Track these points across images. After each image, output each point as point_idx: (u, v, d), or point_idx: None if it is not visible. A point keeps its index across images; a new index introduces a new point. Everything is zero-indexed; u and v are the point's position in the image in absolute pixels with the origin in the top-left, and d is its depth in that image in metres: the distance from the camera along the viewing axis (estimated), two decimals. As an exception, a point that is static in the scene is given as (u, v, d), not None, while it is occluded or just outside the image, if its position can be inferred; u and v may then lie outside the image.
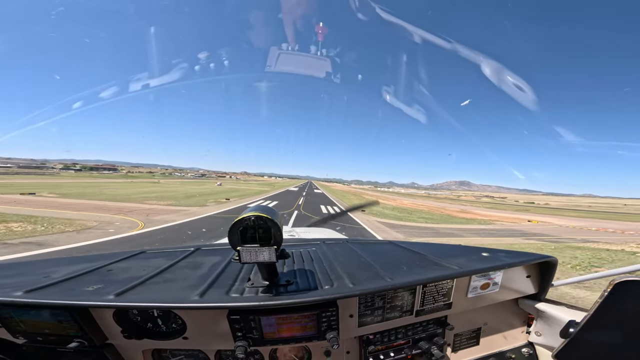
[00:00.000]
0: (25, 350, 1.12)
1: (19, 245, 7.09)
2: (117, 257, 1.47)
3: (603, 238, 16.18)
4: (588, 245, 12.85)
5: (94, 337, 1.05)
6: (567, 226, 24.06)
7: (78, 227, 9.63)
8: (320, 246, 1.68)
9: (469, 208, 46.83)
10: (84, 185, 34.25)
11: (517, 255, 1.38)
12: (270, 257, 0.91)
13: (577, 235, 17.61)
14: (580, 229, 22.26)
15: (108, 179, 63.10)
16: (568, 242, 13.65)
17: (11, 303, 0.95)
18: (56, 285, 1.07)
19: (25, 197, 18.07)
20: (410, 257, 1.42)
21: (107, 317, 1.08)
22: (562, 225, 24.28)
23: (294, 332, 1.07)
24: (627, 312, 0.88)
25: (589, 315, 0.95)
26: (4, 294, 0.96)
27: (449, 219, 23.51)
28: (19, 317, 1.02)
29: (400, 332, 1.30)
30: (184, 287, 1.07)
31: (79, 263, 1.38)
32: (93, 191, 25.72)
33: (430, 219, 22.26)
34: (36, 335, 1.05)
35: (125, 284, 1.08)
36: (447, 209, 38.59)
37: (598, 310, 0.92)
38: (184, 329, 1.09)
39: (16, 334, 1.06)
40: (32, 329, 1.04)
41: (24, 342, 1.08)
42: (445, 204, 58.36)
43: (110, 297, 0.96)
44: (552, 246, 12.12)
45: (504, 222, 24.15)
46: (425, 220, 20.41)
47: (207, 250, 1.66)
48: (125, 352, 1.18)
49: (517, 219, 29.10)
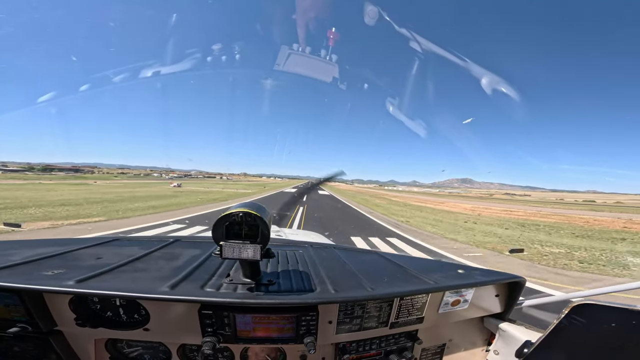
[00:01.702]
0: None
1: None
2: (89, 243, 1.40)
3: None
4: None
5: (40, 323, 0.98)
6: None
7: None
8: (307, 249, 1.67)
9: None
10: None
11: (489, 274, 1.44)
12: (255, 255, 0.90)
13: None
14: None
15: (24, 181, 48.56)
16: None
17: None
18: (13, 268, 1.01)
19: None
20: (392, 268, 1.44)
21: (61, 304, 1.01)
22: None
23: (271, 332, 1.05)
24: (581, 334, 0.91)
25: (544, 336, 0.99)
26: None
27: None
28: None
29: (375, 343, 1.31)
30: (155, 278, 1.03)
31: (45, 246, 1.31)
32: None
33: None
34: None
35: (90, 270, 1.02)
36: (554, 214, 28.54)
37: (553, 332, 0.95)
38: (147, 320, 1.04)
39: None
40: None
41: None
42: (509, 205, 52.23)
43: (70, 282, 0.91)
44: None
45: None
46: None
47: (187, 242, 1.60)
48: (75, 340, 1.11)
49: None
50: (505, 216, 25.06)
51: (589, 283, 7.30)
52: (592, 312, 0.87)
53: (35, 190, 28.74)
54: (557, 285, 6.84)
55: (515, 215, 26.33)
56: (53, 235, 9.32)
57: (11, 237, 9.62)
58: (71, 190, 29.41)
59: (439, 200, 53.09)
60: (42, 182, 47.64)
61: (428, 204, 38.59)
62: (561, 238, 14.17)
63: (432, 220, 18.30)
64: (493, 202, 62.51)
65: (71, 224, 10.43)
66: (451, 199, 63.31)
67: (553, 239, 13.80)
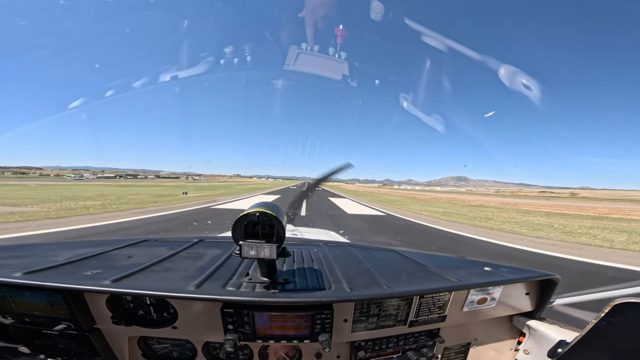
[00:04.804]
0: (10, 330, 1.11)
1: None
2: (121, 244, 1.49)
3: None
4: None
5: (82, 321, 1.05)
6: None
7: None
8: (321, 248, 1.68)
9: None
10: None
11: (519, 272, 1.37)
12: (271, 254, 0.92)
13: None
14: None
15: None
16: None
17: (6, 284, 0.95)
18: (56, 269, 1.08)
19: None
20: (411, 266, 1.41)
21: (99, 302, 1.07)
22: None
23: (287, 330, 1.06)
24: (622, 335, 0.85)
25: (581, 336, 0.93)
26: (3, 274, 0.96)
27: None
28: (11, 298, 1.02)
29: (392, 342, 1.28)
30: (182, 277, 1.08)
31: (83, 247, 1.40)
32: None
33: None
34: (24, 317, 1.04)
35: (123, 270, 1.08)
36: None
37: (591, 332, 0.89)
38: (175, 318, 1.09)
39: (5, 314, 1.04)
40: (22, 309, 1.03)
41: (11, 322, 1.06)
42: (557, 202, 47.13)
43: (107, 282, 0.96)
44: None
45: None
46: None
47: (210, 242, 1.66)
48: (111, 338, 1.18)
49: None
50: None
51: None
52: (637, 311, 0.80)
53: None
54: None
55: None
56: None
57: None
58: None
59: (480, 199, 46.79)
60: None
61: (483, 202, 33.45)
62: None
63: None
64: (559, 201, 55.22)
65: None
66: (493, 197, 56.14)
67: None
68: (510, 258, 7.81)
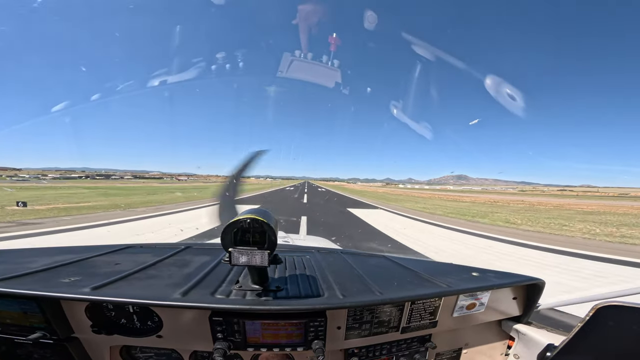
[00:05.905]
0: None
1: None
2: (104, 250, 1.44)
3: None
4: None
5: (58, 330, 1.00)
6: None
7: None
8: (313, 255, 1.66)
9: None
10: None
11: (506, 277, 1.40)
12: (263, 261, 0.90)
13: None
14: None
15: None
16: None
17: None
18: (32, 275, 1.03)
19: None
20: (401, 272, 1.42)
21: (78, 310, 1.03)
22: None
23: (279, 338, 1.04)
24: (607, 337, 0.88)
25: (567, 339, 0.95)
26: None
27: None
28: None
29: (385, 348, 1.28)
30: (167, 285, 1.04)
31: (63, 254, 1.34)
32: None
33: None
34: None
35: (105, 277, 1.04)
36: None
37: (577, 335, 0.92)
38: (160, 327, 1.05)
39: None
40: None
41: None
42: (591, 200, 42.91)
43: (86, 290, 0.92)
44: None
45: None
46: None
47: (198, 249, 1.62)
48: (91, 347, 1.12)
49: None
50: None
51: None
52: (619, 314, 0.83)
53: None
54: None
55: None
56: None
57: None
58: None
59: (511, 199, 40.63)
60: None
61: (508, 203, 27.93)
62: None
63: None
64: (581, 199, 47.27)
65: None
66: (520, 197, 50.37)
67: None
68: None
